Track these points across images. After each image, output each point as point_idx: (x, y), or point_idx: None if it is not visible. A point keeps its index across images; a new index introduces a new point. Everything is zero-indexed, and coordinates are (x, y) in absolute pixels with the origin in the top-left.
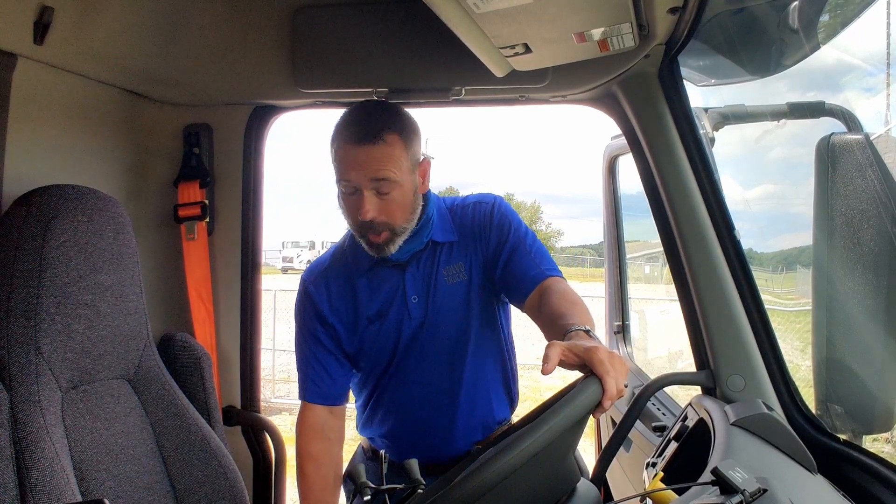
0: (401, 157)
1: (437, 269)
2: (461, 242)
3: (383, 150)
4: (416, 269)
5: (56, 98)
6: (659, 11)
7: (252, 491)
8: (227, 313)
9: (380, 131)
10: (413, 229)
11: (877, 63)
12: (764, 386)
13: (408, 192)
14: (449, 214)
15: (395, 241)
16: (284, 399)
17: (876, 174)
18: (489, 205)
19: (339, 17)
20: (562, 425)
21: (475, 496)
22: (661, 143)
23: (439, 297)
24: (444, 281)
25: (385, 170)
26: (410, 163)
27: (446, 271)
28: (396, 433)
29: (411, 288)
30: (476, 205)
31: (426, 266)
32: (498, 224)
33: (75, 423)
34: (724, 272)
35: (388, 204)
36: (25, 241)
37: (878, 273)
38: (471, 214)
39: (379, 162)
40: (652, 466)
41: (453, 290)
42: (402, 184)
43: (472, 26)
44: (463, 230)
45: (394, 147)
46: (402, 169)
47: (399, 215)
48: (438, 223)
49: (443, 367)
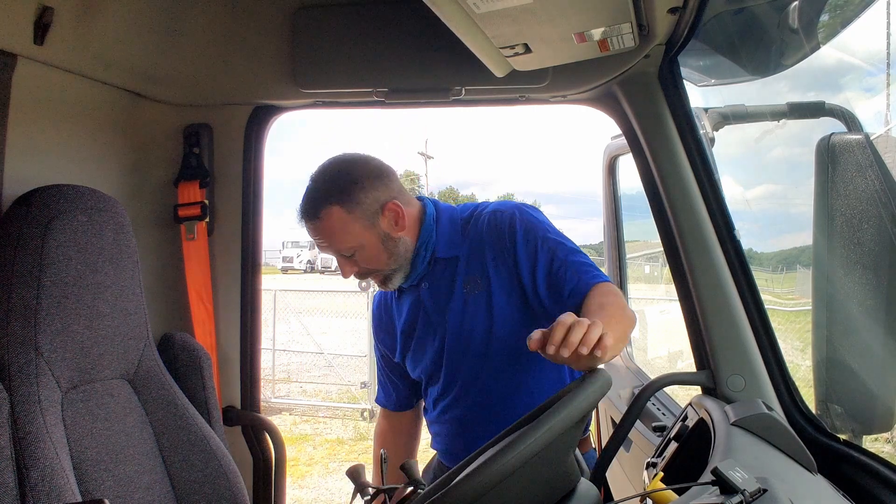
0: (344, 225)
1: (455, 281)
2: (476, 253)
3: (323, 227)
4: (431, 285)
5: (56, 98)
6: (659, 11)
7: (252, 491)
8: (227, 313)
9: (316, 209)
10: (410, 262)
11: (877, 63)
12: (764, 386)
13: (374, 247)
14: (461, 225)
15: (392, 280)
16: (284, 399)
17: (876, 174)
18: (508, 214)
19: (340, 17)
20: (561, 425)
21: (475, 497)
22: (661, 143)
23: (458, 309)
24: (461, 292)
25: (334, 245)
26: (363, 222)
27: (465, 283)
28: (450, 448)
29: (430, 304)
30: (494, 213)
31: (443, 280)
32: (523, 238)
33: (75, 423)
34: (724, 272)
35: (359, 262)
36: (25, 241)
37: (878, 273)
38: (487, 224)
39: (324, 238)
40: (652, 466)
41: (473, 301)
42: (362, 245)
43: (472, 26)
44: (478, 240)
45: (332, 220)
46: (353, 233)
47: (377, 265)
48: (444, 238)
49: (485, 379)
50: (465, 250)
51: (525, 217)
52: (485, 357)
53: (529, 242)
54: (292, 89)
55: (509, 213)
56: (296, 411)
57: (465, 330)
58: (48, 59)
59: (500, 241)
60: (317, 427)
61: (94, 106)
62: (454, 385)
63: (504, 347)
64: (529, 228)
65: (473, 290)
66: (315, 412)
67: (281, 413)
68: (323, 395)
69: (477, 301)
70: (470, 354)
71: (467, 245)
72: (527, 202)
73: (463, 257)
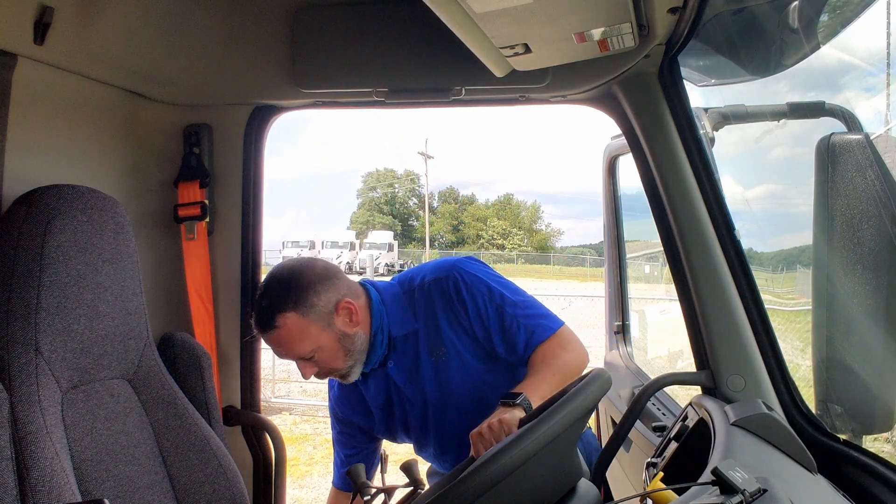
0: (302, 330)
1: (419, 351)
2: (431, 322)
3: (281, 336)
4: (396, 363)
5: (56, 98)
6: (659, 11)
7: (252, 491)
8: (227, 313)
9: (272, 318)
10: (365, 353)
11: (877, 63)
12: (764, 386)
13: (332, 346)
14: (406, 300)
15: (351, 373)
16: (284, 399)
17: (876, 174)
18: (451, 280)
19: (340, 17)
20: (561, 425)
21: (476, 495)
22: (661, 143)
23: (430, 376)
24: (429, 360)
25: (293, 350)
26: (319, 324)
27: (431, 352)
28: None
29: (400, 379)
30: (435, 281)
31: (407, 354)
32: (471, 300)
33: (75, 423)
34: (724, 272)
35: (318, 364)
36: (25, 241)
37: (878, 273)
38: (434, 293)
39: (283, 346)
40: (652, 466)
41: (444, 366)
42: (321, 346)
43: (472, 26)
44: (429, 310)
45: (289, 327)
46: (310, 337)
47: (335, 364)
48: (396, 318)
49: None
50: (420, 323)
51: (466, 277)
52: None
53: (478, 303)
54: (292, 89)
55: (452, 278)
56: (296, 411)
57: (446, 392)
58: (48, 58)
59: (450, 306)
60: (317, 427)
61: (94, 106)
62: (450, 444)
63: (488, 396)
64: (472, 288)
65: (442, 356)
66: (315, 412)
67: (281, 413)
68: (323, 394)
69: (448, 364)
70: (458, 413)
71: (421, 317)
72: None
73: (421, 330)
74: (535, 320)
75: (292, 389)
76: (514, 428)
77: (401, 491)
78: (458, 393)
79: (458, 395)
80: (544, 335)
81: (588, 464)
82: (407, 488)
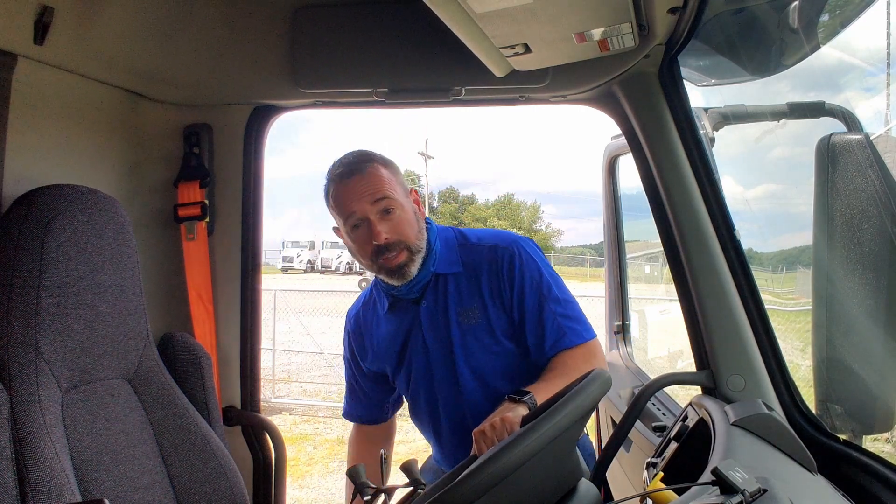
0: (391, 180)
1: (449, 307)
2: (471, 283)
3: (373, 176)
4: (430, 304)
5: (56, 98)
6: (659, 11)
7: (252, 491)
8: (227, 313)
9: (366, 163)
10: (424, 255)
11: (877, 63)
12: (764, 386)
13: (409, 213)
14: (457, 246)
15: (414, 261)
16: (284, 399)
17: (876, 174)
18: (508, 251)
19: (339, 17)
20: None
21: (476, 495)
22: (661, 143)
23: (454, 332)
24: (457, 320)
25: (381, 191)
26: (402, 189)
27: (460, 313)
28: (446, 458)
29: (427, 323)
30: (493, 248)
31: (439, 303)
32: (520, 278)
33: (75, 423)
34: (724, 272)
35: (395, 224)
36: (25, 241)
37: (878, 273)
38: (485, 257)
39: (374, 185)
40: (652, 466)
41: (470, 331)
42: (402, 204)
43: (472, 26)
44: (474, 268)
45: (381, 173)
46: (397, 191)
47: (409, 232)
48: (442, 253)
49: (469, 393)
50: (461, 271)
51: (523, 255)
52: (478, 388)
53: (525, 285)
54: (292, 89)
55: (510, 251)
56: (296, 411)
57: (460, 355)
58: (48, 59)
59: (497, 277)
60: (317, 427)
61: (94, 106)
62: (449, 407)
63: (496, 377)
64: (525, 268)
65: (471, 320)
66: (315, 412)
67: (281, 413)
68: (323, 395)
69: (473, 330)
70: (463, 379)
71: (462, 268)
72: (527, 202)
73: (460, 280)
74: (570, 323)
75: (292, 390)
76: (516, 427)
77: (401, 491)
78: (471, 361)
79: (471, 363)
80: (574, 341)
81: None
82: (407, 488)
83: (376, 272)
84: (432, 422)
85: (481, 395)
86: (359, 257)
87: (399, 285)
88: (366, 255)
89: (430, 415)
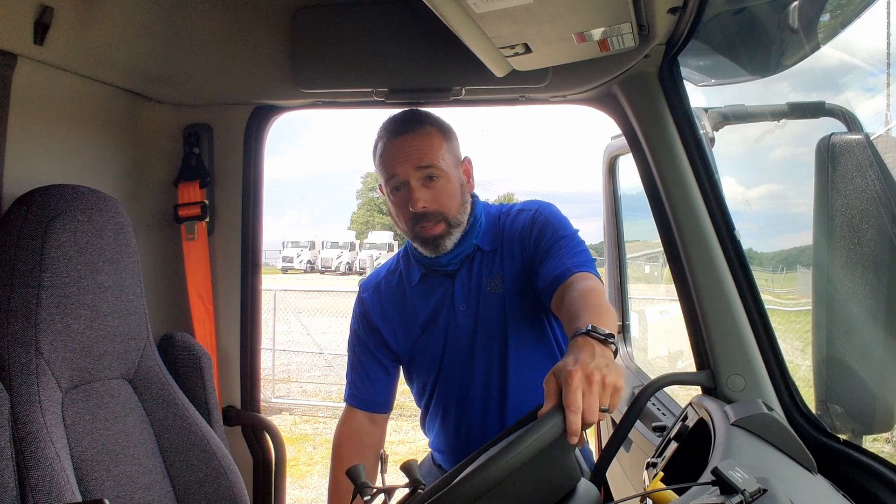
0: (441, 147)
1: (481, 278)
2: (502, 252)
3: (423, 139)
4: (464, 278)
5: (56, 98)
6: (659, 11)
7: (252, 491)
8: (227, 313)
9: (420, 123)
10: (464, 229)
11: (877, 63)
12: (764, 386)
13: (455, 184)
14: (497, 222)
15: (451, 235)
16: (284, 399)
17: (876, 174)
18: (530, 212)
19: (339, 17)
20: (517, 461)
21: (475, 496)
22: (661, 143)
23: (482, 306)
24: (486, 290)
25: (428, 157)
26: (453, 157)
27: (488, 281)
28: (451, 446)
29: (460, 296)
30: (519, 213)
31: (473, 275)
32: (539, 231)
33: (75, 423)
34: (724, 272)
35: (436, 193)
36: (25, 241)
37: (878, 273)
38: (512, 223)
39: (421, 149)
40: (652, 466)
41: (492, 300)
42: (448, 173)
43: (472, 26)
44: (506, 240)
45: (433, 137)
46: (446, 160)
47: (450, 204)
48: (486, 230)
49: (488, 379)
50: (498, 248)
51: (547, 212)
52: (499, 355)
53: (545, 234)
54: (292, 89)
55: (535, 210)
56: (296, 411)
57: (484, 327)
58: (48, 59)
59: (522, 239)
60: (317, 427)
61: (94, 106)
62: (464, 383)
63: (517, 347)
64: (548, 220)
65: (495, 289)
66: (315, 412)
67: (281, 413)
68: (323, 395)
69: (495, 300)
70: (486, 352)
71: (500, 244)
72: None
73: (489, 254)
74: (575, 258)
75: (292, 390)
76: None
77: (401, 491)
78: (492, 332)
79: (491, 334)
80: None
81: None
82: (407, 488)
83: (412, 239)
84: (458, 399)
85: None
86: (397, 221)
87: (433, 256)
88: (403, 220)
89: (457, 392)
